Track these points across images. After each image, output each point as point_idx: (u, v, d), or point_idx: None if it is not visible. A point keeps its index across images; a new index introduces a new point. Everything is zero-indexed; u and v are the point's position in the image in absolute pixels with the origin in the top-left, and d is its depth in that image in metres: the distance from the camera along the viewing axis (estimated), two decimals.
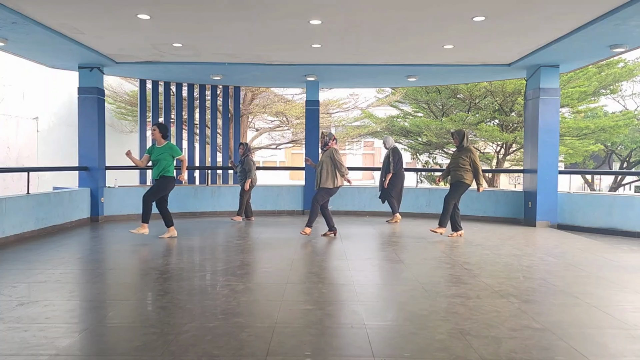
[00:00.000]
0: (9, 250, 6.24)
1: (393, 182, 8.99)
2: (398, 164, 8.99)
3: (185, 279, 4.90)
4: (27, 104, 12.89)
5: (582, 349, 3.10)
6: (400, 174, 9.06)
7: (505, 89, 14.50)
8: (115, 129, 15.67)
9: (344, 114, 18.19)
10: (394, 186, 9.02)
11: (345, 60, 8.89)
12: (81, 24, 6.76)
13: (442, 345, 3.12)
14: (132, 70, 10.06)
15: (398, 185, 9.05)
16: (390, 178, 8.97)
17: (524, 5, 5.86)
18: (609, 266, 5.59)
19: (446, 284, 4.71)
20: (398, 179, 9.02)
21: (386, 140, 9.27)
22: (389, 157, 9.00)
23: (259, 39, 7.50)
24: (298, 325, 3.48)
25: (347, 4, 5.92)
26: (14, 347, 3.04)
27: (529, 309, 3.90)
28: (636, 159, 21.40)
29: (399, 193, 9.14)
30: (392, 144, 9.22)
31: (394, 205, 9.09)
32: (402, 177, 9.14)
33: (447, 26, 6.75)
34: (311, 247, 6.60)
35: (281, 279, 4.87)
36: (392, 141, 9.30)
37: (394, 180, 8.99)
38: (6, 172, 11.52)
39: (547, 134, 8.93)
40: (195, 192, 10.33)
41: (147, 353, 2.98)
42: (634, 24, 6.24)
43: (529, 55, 8.27)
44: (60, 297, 4.17)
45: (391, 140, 9.31)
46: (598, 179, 24.15)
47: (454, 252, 6.31)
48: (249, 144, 9.74)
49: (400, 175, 9.06)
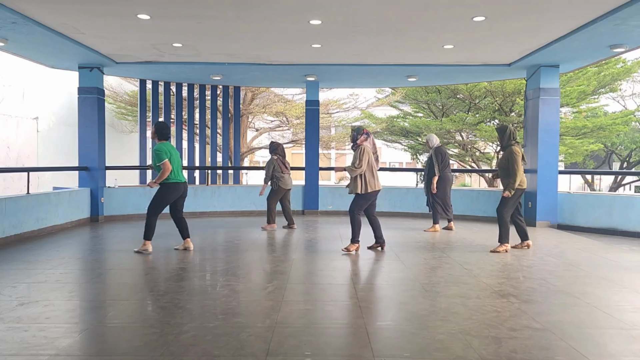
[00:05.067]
0: (9, 250, 6.24)
1: (439, 186, 8.01)
2: (443, 164, 8.05)
3: (185, 279, 4.90)
4: (27, 104, 12.89)
5: (582, 349, 3.10)
6: (446, 176, 8.06)
7: (505, 89, 14.50)
8: (115, 129, 15.66)
9: (344, 114, 18.19)
10: (440, 190, 8.03)
11: (345, 60, 8.89)
12: (81, 24, 6.76)
13: (442, 345, 3.12)
14: (132, 70, 10.06)
15: (445, 188, 8.05)
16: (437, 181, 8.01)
17: (524, 5, 5.85)
18: (609, 266, 5.59)
19: (446, 284, 4.70)
20: (443, 182, 8.03)
21: (430, 139, 8.32)
22: (432, 158, 8.06)
23: (259, 39, 7.50)
24: (298, 325, 3.48)
25: (347, 4, 5.91)
26: (14, 347, 3.04)
27: (529, 309, 3.90)
28: (636, 159, 21.40)
29: (445, 197, 8.09)
30: (435, 142, 8.24)
31: (437, 214, 8.15)
32: (448, 180, 8.12)
33: (447, 26, 6.75)
34: (311, 247, 6.60)
35: (281, 279, 4.87)
36: (436, 140, 8.31)
37: (439, 183, 8.00)
38: (6, 172, 11.52)
39: (547, 134, 8.93)
40: (195, 192, 10.33)
41: (147, 353, 2.98)
42: (634, 24, 6.24)
43: (529, 55, 8.27)
44: (60, 297, 4.17)
45: (435, 139, 8.32)
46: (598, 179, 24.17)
47: (454, 252, 6.31)
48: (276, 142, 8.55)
49: (446, 177, 8.07)
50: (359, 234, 6.16)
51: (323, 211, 10.63)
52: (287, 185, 8.17)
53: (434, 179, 8.01)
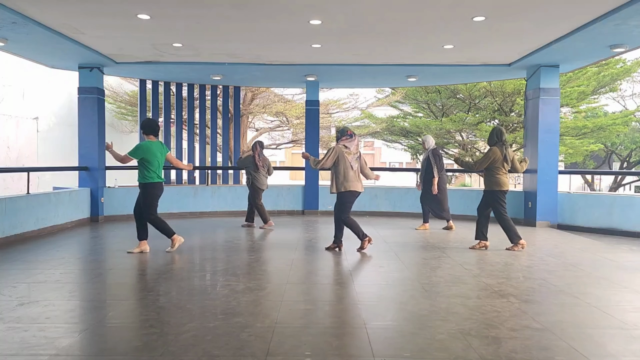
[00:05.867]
0: (9, 250, 6.24)
1: (438, 188, 8.09)
2: (441, 166, 8.11)
3: (185, 279, 4.90)
4: (27, 104, 12.89)
5: (582, 349, 3.10)
6: (443, 178, 8.20)
7: (505, 89, 14.50)
8: (115, 129, 15.65)
9: (344, 114, 18.19)
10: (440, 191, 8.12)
11: (345, 60, 8.89)
12: (81, 24, 6.76)
13: (442, 345, 3.12)
14: (132, 70, 10.06)
15: (444, 190, 8.20)
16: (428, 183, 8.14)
17: (524, 5, 5.86)
18: (609, 266, 5.59)
19: (446, 284, 4.70)
20: (442, 184, 8.15)
21: (426, 140, 8.32)
22: (429, 159, 8.09)
23: (259, 39, 7.50)
24: (298, 325, 3.48)
25: (347, 4, 5.92)
26: (14, 347, 3.04)
27: (529, 309, 3.90)
28: (636, 159, 21.40)
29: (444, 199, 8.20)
30: (432, 144, 8.26)
31: (428, 214, 8.36)
32: (445, 181, 8.28)
33: (447, 26, 6.75)
34: (311, 248, 6.59)
35: (281, 279, 4.87)
36: (432, 141, 8.32)
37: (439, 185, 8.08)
38: (6, 172, 11.52)
39: (547, 134, 8.93)
40: (195, 192, 10.33)
41: (147, 353, 2.98)
42: (634, 24, 6.24)
43: (529, 55, 8.27)
44: (60, 297, 4.17)
45: (431, 140, 8.34)
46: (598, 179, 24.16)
47: (454, 252, 6.31)
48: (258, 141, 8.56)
49: (444, 179, 8.22)
50: (361, 230, 6.31)
51: (323, 211, 10.63)
52: (262, 185, 8.26)
53: (434, 180, 8.03)
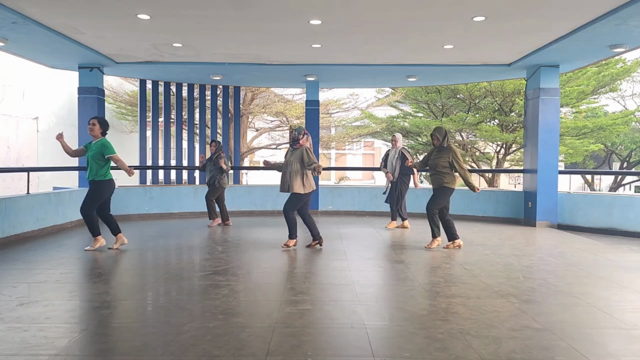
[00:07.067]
0: (9, 250, 6.24)
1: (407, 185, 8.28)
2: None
3: (185, 279, 4.90)
4: (27, 104, 12.90)
5: (582, 349, 3.10)
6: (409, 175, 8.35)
7: (505, 89, 14.51)
8: (115, 129, 15.63)
9: (344, 114, 18.20)
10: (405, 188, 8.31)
11: (345, 60, 8.89)
12: (81, 24, 6.76)
13: (442, 345, 3.12)
14: (132, 70, 10.06)
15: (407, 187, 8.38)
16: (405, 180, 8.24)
17: (524, 5, 5.86)
18: (609, 266, 5.59)
19: (446, 284, 4.70)
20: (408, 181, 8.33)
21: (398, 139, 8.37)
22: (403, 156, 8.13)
23: (259, 39, 7.50)
24: (298, 325, 3.48)
25: (347, 4, 5.92)
26: (14, 347, 3.04)
27: (529, 309, 3.90)
28: (636, 159, 21.40)
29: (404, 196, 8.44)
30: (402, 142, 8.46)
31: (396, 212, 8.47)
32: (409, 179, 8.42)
33: (447, 26, 6.75)
34: (311, 248, 6.59)
35: (281, 279, 4.87)
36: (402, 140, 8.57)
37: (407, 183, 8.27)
38: (6, 172, 11.52)
39: (547, 134, 8.93)
40: (195, 192, 10.33)
41: (147, 353, 2.98)
42: (634, 24, 6.24)
43: (529, 55, 8.27)
44: (60, 297, 4.17)
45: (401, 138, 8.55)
46: (598, 179, 24.16)
47: (453, 252, 6.31)
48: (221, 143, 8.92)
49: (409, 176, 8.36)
50: (295, 229, 6.41)
51: (323, 211, 10.63)
52: (225, 185, 8.76)
53: (414, 176, 8.40)
